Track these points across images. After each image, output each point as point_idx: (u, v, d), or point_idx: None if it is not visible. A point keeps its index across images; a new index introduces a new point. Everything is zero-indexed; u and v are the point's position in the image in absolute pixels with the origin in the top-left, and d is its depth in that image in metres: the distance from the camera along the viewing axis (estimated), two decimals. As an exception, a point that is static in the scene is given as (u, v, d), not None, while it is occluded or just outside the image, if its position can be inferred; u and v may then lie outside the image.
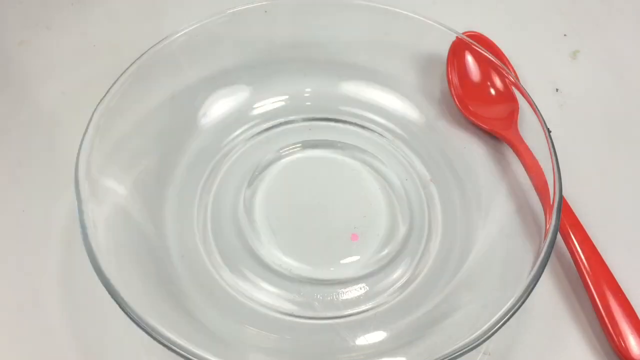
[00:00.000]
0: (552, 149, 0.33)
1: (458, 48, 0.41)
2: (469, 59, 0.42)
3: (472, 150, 0.40)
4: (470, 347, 0.27)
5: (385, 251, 0.36)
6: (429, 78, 0.42)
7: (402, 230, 0.37)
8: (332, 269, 0.35)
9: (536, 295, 0.33)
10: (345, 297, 0.34)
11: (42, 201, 0.38)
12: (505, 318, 0.28)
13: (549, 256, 0.29)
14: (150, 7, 0.50)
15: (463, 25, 0.43)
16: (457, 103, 0.41)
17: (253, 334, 0.32)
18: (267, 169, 0.39)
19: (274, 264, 0.35)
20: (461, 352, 0.27)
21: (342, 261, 0.35)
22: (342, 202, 0.38)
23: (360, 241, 0.36)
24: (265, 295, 0.34)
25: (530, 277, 0.29)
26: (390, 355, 0.31)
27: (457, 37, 0.40)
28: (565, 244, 0.35)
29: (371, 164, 0.40)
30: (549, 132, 0.34)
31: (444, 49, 0.41)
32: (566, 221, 0.36)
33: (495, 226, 0.35)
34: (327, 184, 0.39)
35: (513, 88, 0.38)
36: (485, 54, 0.39)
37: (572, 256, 0.35)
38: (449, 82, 0.42)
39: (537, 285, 0.29)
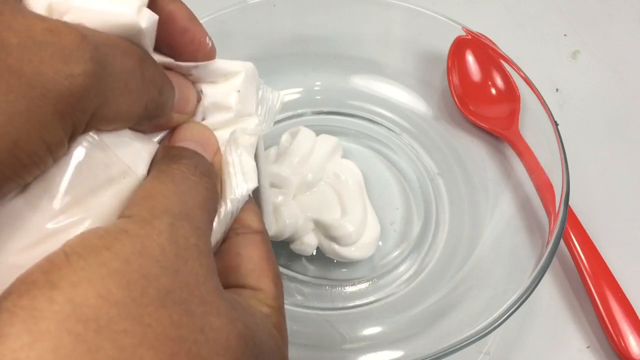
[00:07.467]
0: (559, 140, 0.33)
1: (458, 48, 0.41)
2: (470, 58, 0.42)
3: (479, 144, 0.40)
4: (470, 341, 0.27)
5: (399, 250, 0.36)
6: (436, 72, 0.42)
7: (416, 226, 0.37)
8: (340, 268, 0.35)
9: (536, 295, 0.33)
10: (350, 289, 0.34)
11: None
12: (504, 317, 0.28)
13: (557, 247, 0.30)
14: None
15: (463, 25, 0.43)
16: (458, 103, 0.41)
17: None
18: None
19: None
20: (461, 345, 0.27)
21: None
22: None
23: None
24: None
25: (534, 274, 0.29)
26: (393, 347, 0.31)
27: (461, 32, 0.40)
28: (566, 245, 0.36)
29: (383, 153, 0.40)
30: (557, 125, 0.34)
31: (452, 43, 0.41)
32: (567, 222, 0.36)
33: (502, 220, 0.35)
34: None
35: (518, 83, 0.38)
36: (496, 48, 0.39)
37: (572, 256, 0.35)
38: (450, 82, 0.41)
39: (537, 286, 0.29)
